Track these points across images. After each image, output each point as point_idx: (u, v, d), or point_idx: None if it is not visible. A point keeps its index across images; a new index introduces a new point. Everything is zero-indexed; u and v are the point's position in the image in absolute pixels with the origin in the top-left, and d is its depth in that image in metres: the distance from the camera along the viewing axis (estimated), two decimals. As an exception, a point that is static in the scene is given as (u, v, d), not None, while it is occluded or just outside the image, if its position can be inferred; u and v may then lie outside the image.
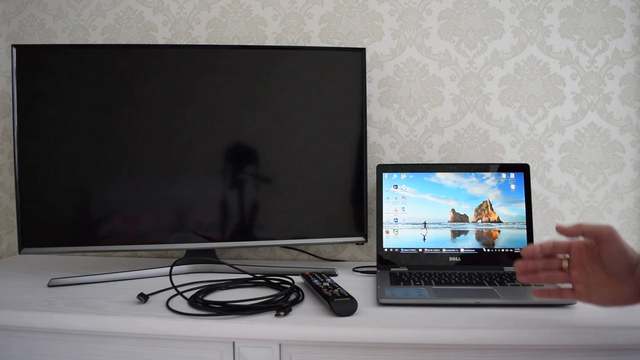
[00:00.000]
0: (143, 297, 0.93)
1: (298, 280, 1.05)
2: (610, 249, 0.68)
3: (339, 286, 0.95)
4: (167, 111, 1.14)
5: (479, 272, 1.07)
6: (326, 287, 0.94)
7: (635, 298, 0.69)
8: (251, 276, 1.06)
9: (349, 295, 0.89)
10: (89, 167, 1.12)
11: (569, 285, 0.75)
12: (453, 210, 1.15)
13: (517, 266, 0.76)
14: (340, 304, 0.86)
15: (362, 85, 1.19)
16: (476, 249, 1.13)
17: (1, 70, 1.40)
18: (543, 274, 0.75)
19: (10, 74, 1.33)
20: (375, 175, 1.20)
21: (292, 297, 0.95)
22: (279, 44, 1.32)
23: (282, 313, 0.85)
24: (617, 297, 0.71)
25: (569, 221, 1.29)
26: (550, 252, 0.75)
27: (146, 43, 1.34)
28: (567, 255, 0.75)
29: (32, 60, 1.11)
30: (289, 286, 0.98)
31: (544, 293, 0.76)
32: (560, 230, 0.73)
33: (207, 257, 1.16)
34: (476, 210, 1.14)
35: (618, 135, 1.28)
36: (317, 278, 1.00)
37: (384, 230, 1.15)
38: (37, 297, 0.96)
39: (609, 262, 0.69)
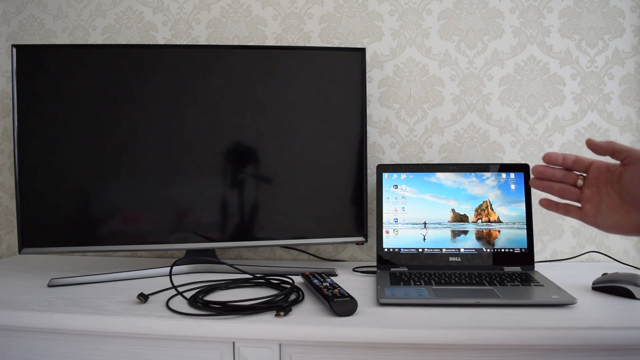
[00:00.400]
0: (143, 297, 0.93)
1: (298, 280, 1.05)
2: (637, 172, 0.65)
3: (339, 286, 0.95)
4: (167, 111, 1.14)
5: (479, 272, 1.07)
6: (326, 287, 0.94)
7: None
8: (251, 276, 1.06)
9: (349, 295, 0.89)
10: (89, 167, 1.12)
11: (579, 205, 0.72)
12: (453, 210, 1.15)
13: (535, 169, 0.74)
14: (340, 304, 0.86)
15: (362, 85, 1.19)
16: (476, 249, 1.13)
17: (1, 70, 1.40)
18: (557, 186, 0.72)
19: (10, 74, 1.33)
20: (375, 175, 1.20)
21: (292, 297, 0.95)
22: (279, 44, 1.32)
23: (282, 313, 0.85)
24: (624, 224, 0.67)
25: (568, 222, 1.29)
26: (570, 166, 0.72)
27: (146, 43, 1.35)
28: (585, 174, 0.72)
29: (32, 60, 1.11)
30: (289, 286, 0.98)
31: (552, 205, 0.73)
32: (591, 144, 0.70)
33: (207, 257, 1.16)
34: (476, 210, 1.14)
35: (618, 136, 1.28)
36: (317, 278, 1.00)
37: (384, 230, 1.15)
38: (37, 297, 0.96)
39: (631, 185, 0.65)
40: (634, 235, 0.69)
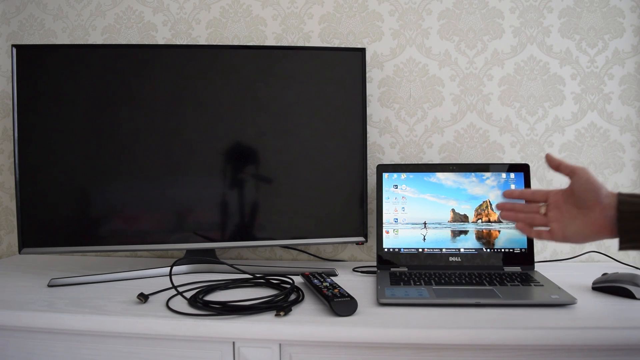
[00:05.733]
0: (143, 297, 0.93)
1: (298, 280, 1.05)
2: (580, 178, 0.76)
3: (339, 286, 0.95)
4: (167, 111, 1.14)
5: (479, 272, 1.07)
6: (326, 287, 0.94)
7: (604, 227, 0.74)
8: (251, 276, 1.06)
9: (349, 295, 0.89)
10: (89, 167, 1.12)
11: (548, 228, 0.81)
12: (453, 210, 1.15)
13: (499, 205, 0.85)
14: (340, 304, 0.86)
15: (362, 85, 1.19)
16: (476, 249, 1.13)
17: (1, 70, 1.40)
18: (523, 215, 0.82)
19: (10, 74, 1.33)
20: (375, 175, 1.20)
21: (292, 297, 0.95)
22: (279, 44, 1.32)
23: (282, 313, 0.85)
24: (587, 228, 0.75)
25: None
26: (530, 198, 0.83)
27: (146, 43, 1.35)
28: (546, 203, 0.81)
29: (32, 60, 1.11)
30: (289, 286, 0.98)
31: (525, 230, 0.82)
32: (549, 158, 0.81)
33: (207, 257, 1.16)
34: (476, 210, 1.14)
35: (618, 135, 1.28)
36: (317, 278, 1.00)
37: (384, 230, 1.15)
38: (37, 297, 0.96)
39: (579, 190, 0.76)
40: (601, 237, 0.76)
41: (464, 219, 1.14)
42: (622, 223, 0.72)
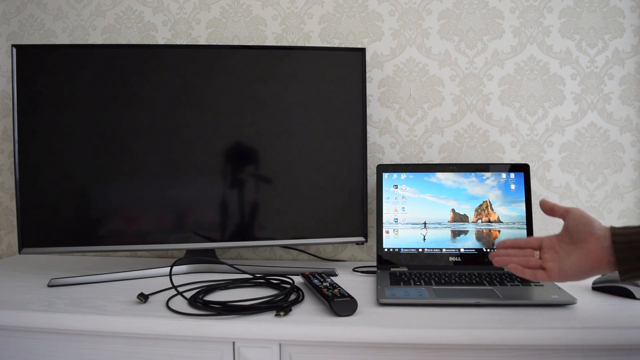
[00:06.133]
0: (143, 297, 0.93)
1: (298, 280, 1.05)
2: (574, 215, 0.79)
3: (339, 286, 0.95)
4: (167, 111, 1.14)
5: (479, 272, 1.07)
6: (326, 287, 0.94)
7: (601, 259, 0.74)
8: (251, 276, 1.06)
9: (349, 295, 0.89)
10: (89, 167, 1.12)
11: (544, 269, 0.81)
12: (453, 210, 1.15)
13: (492, 254, 0.84)
14: (340, 304, 0.86)
15: (362, 85, 1.19)
16: (476, 249, 1.13)
17: (1, 70, 1.40)
18: (517, 258, 0.82)
19: (10, 74, 1.33)
20: (375, 175, 1.20)
21: (292, 297, 0.95)
22: (279, 44, 1.32)
23: (282, 313, 0.85)
24: (584, 260, 0.75)
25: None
26: (523, 246, 0.84)
27: (146, 43, 1.35)
28: (539, 250, 0.83)
29: (32, 60, 1.11)
30: (289, 286, 0.98)
31: (518, 270, 0.81)
32: (542, 202, 0.84)
33: (207, 257, 1.16)
34: (476, 210, 1.14)
35: (618, 135, 1.28)
36: (317, 278, 1.00)
37: (384, 230, 1.15)
38: (37, 297, 0.96)
39: (573, 225, 0.78)
40: (597, 268, 0.76)
41: (464, 219, 1.14)
42: (619, 254, 0.72)
